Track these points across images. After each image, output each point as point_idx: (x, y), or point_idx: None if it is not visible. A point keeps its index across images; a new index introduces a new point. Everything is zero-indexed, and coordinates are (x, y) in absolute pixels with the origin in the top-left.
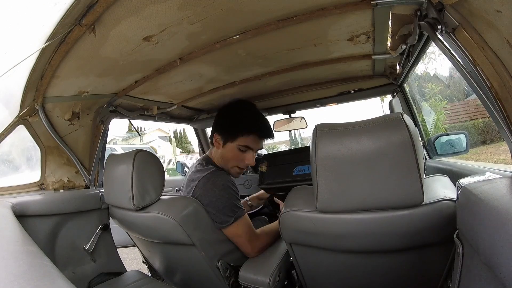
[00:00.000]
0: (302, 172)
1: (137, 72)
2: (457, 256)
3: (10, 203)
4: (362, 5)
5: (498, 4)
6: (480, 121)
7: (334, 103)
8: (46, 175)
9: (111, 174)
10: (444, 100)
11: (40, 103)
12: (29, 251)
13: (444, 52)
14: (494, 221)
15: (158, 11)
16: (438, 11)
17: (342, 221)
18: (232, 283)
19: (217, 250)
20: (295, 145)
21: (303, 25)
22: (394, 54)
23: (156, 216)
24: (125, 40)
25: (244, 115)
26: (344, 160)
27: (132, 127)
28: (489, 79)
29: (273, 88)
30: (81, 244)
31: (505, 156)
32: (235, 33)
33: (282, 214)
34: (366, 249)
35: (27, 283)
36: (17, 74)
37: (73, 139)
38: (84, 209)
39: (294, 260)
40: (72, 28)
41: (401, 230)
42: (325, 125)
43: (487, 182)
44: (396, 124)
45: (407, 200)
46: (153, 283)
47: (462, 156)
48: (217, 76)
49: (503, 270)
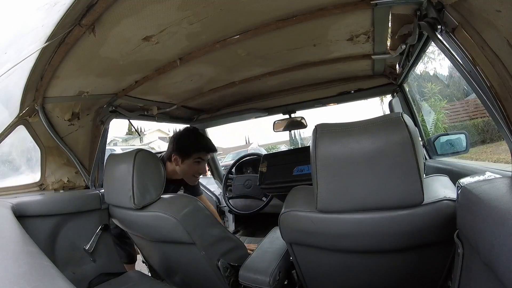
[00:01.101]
0: (302, 172)
1: (137, 72)
2: (457, 256)
3: (10, 204)
4: (362, 5)
5: (497, 4)
6: (479, 120)
7: (334, 103)
8: (46, 176)
9: (112, 173)
10: (444, 99)
11: (40, 103)
12: (29, 252)
13: (444, 52)
14: (494, 221)
15: (157, 11)
16: (438, 11)
17: (342, 221)
18: (232, 282)
19: (217, 249)
20: (295, 145)
21: (303, 25)
22: (394, 54)
23: (156, 215)
24: (125, 40)
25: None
26: (344, 160)
27: (132, 127)
28: (489, 79)
29: (273, 88)
30: (81, 245)
31: (505, 156)
32: (235, 33)
33: (282, 214)
34: (366, 249)
35: (27, 284)
36: (17, 74)
37: (73, 139)
38: (84, 209)
39: (294, 260)
40: (72, 29)
41: (401, 230)
42: (325, 125)
43: (487, 182)
44: (396, 124)
45: (407, 200)
46: (153, 283)
47: (462, 156)
48: (217, 76)
49: (503, 270)
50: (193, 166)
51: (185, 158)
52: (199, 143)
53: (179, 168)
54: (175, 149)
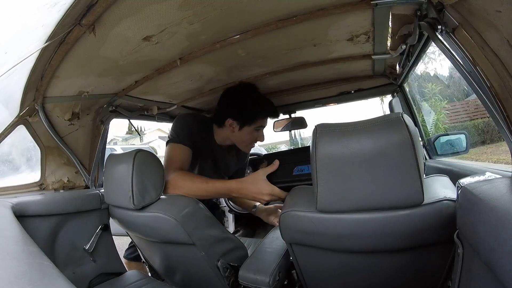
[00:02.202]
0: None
1: (137, 72)
2: (457, 256)
3: (10, 203)
4: (362, 5)
5: (498, 4)
6: (480, 121)
7: (334, 103)
8: (46, 175)
9: (111, 173)
10: (444, 100)
11: (40, 103)
12: (29, 251)
13: (444, 52)
14: (494, 221)
15: (157, 11)
16: (438, 11)
17: (342, 221)
18: (232, 282)
19: (217, 249)
20: (295, 145)
21: (303, 25)
22: (394, 54)
23: (156, 216)
24: (125, 40)
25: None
26: (344, 160)
27: (132, 127)
28: (489, 79)
29: (273, 88)
30: (81, 244)
31: (505, 156)
32: (235, 33)
33: (282, 214)
34: (366, 249)
35: (27, 283)
36: (17, 74)
37: (73, 139)
38: (84, 209)
39: (294, 260)
40: (72, 28)
41: (401, 230)
42: (325, 125)
43: (487, 182)
44: (396, 124)
45: (407, 200)
46: (153, 283)
47: (462, 156)
48: (217, 76)
49: (503, 270)
50: (253, 134)
51: (245, 125)
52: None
53: (234, 134)
54: (231, 112)
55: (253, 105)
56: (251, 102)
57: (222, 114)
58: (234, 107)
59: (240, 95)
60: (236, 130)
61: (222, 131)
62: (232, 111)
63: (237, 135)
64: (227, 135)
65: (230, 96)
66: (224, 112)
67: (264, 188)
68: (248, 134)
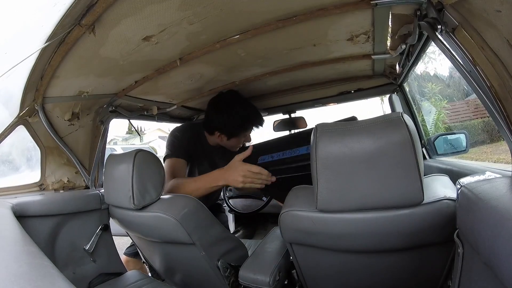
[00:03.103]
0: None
1: (137, 72)
2: (457, 256)
3: (10, 204)
4: (362, 5)
5: (498, 4)
6: (480, 120)
7: (334, 103)
8: (46, 176)
9: (111, 174)
10: (444, 99)
11: (40, 103)
12: (29, 252)
13: (444, 52)
14: (494, 221)
15: (157, 11)
16: (438, 11)
17: (342, 220)
18: (232, 282)
19: (217, 249)
20: None
21: (303, 25)
22: (394, 54)
23: (156, 215)
24: (125, 40)
25: (240, 115)
26: (344, 160)
27: (132, 127)
28: (489, 79)
29: (273, 88)
30: (81, 245)
31: (505, 156)
32: (235, 33)
33: (282, 213)
34: (366, 249)
35: (27, 284)
36: (17, 74)
37: (73, 139)
38: (84, 209)
39: (294, 260)
40: (72, 28)
41: (401, 230)
42: (325, 125)
43: (487, 182)
44: (396, 123)
45: (407, 200)
46: (153, 283)
47: (462, 156)
48: (217, 76)
49: (503, 270)
50: (241, 139)
51: (232, 137)
52: (249, 120)
53: (224, 142)
54: (218, 128)
55: (238, 120)
56: (236, 118)
57: (211, 126)
58: (220, 123)
59: (226, 110)
60: (225, 140)
61: (212, 137)
62: (219, 126)
63: (226, 143)
64: (217, 141)
65: (216, 111)
66: (212, 125)
67: (241, 168)
68: (236, 141)
